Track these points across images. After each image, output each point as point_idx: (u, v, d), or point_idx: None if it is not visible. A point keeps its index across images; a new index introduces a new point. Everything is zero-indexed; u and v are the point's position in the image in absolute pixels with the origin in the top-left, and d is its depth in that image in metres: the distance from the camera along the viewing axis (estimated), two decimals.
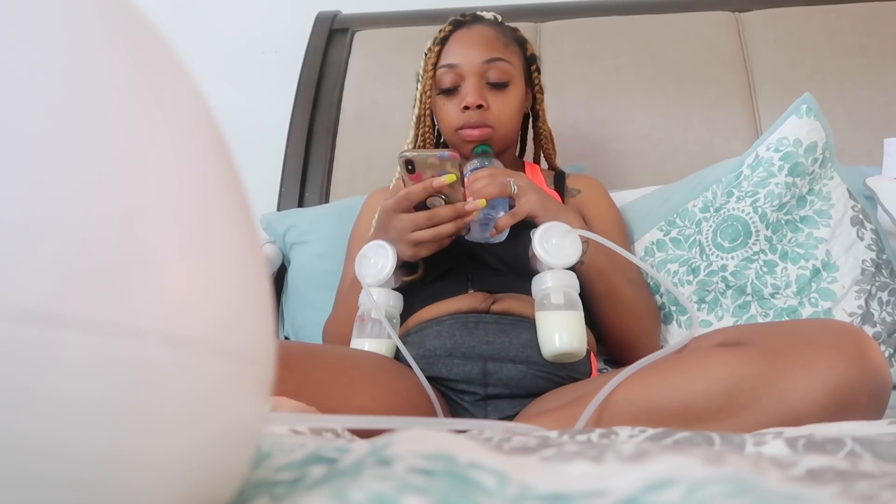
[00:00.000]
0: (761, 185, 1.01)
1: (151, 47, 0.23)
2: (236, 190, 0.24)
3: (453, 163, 0.77)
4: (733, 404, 0.56)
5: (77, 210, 0.18)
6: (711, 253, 1.03)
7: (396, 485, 0.22)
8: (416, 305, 0.87)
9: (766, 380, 0.55)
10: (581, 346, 0.75)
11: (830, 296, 0.98)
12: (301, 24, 1.56)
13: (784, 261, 1.00)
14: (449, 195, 0.79)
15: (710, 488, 0.21)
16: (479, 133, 0.96)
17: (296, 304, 1.20)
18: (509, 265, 0.88)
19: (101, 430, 0.18)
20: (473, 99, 0.95)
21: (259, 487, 0.26)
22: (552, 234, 0.80)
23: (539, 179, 1.05)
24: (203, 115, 0.24)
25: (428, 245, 0.81)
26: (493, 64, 0.97)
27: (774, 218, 1.01)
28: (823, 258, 1.00)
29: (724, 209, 1.03)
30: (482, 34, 1.00)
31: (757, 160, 1.03)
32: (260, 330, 0.23)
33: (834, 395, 0.53)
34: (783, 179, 1.00)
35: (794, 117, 1.02)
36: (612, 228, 1.00)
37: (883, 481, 0.23)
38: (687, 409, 0.57)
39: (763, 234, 1.01)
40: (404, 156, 0.78)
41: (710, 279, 1.02)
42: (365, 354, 0.78)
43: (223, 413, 0.21)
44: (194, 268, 0.21)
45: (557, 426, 0.60)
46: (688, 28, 1.44)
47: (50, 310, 0.17)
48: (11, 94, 0.19)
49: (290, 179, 1.41)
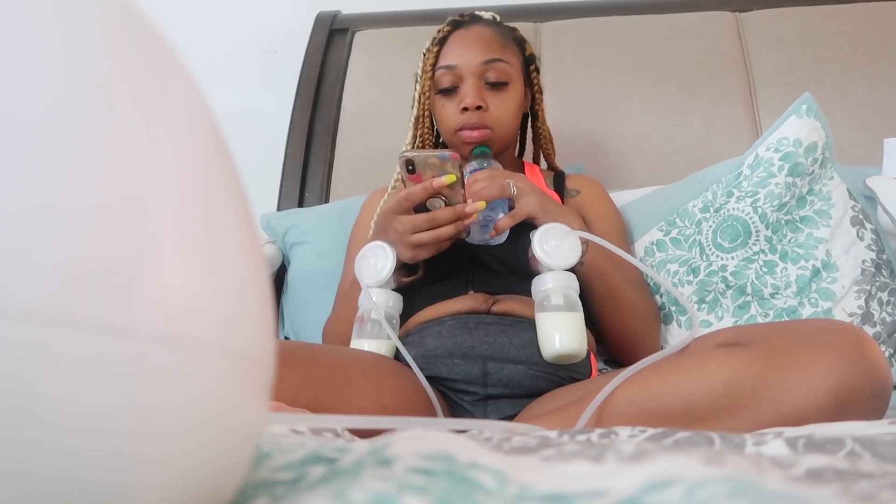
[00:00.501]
0: (761, 186, 1.01)
1: (151, 47, 0.23)
2: (237, 190, 0.24)
3: (454, 163, 0.77)
4: (734, 404, 0.56)
5: (78, 211, 0.18)
6: (711, 253, 1.03)
7: (396, 485, 0.22)
8: (416, 306, 0.87)
9: (767, 380, 0.56)
10: (581, 347, 0.75)
11: (830, 296, 0.98)
12: (301, 25, 1.56)
13: (784, 261, 1.00)
14: (449, 196, 0.79)
15: (710, 488, 0.21)
16: (478, 134, 0.96)
17: (296, 304, 1.20)
18: (509, 266, 0.88)
19: (102, 431, 0.18)
20: (472, 100, 0.95)
21: (259, 487, 0.26)
22: (551, 235, 0.80)
23: (538, 180, 1.05)
24: (203, 115, 0.24)
25: (427, 247, 0.81)
26: (492, 65, 0.97)
27: (774, 218, 1.01)
28: (823, 258, 0.99)
29: (724, 209, 1.03)
30: (480, 34, 1.00)
31: (757, 160, 1.03)
32: (261, 330, 0.23)
33: (835, 395, 0.53)
34: (783, 179, 1.00)
35: (793, 117, 1.02)
36: (611, 229, 1.00)
37: (883, 481, 0.23)
38: (688, 409, 0.57)
39: (763, 234, 1.01)
40: (405, 156, 0.78)
41: (710, 279, 1.02)
42: (364, 354, 0.78)
43: (225, 414, 0.21)
44: (196, 269, 0.21)
45: (558, 426, 0.60)
46: (688, 28, 1.44)
47: (52, 312, 0.17)
48: (11, 92, 0.19)
49: (289, 179, 1.41)
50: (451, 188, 0.78)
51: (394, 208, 0.81)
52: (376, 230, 0.89)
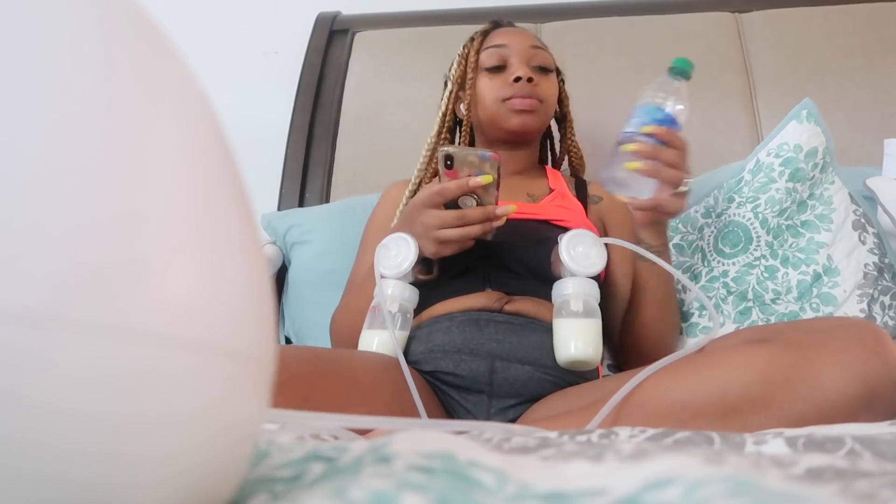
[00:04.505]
0: (762, 191, 1.01)
1: (153, 47, 0.23)
2: (238, 190, 0.24)
3: (492, 164, 0.77)
4: (767, 394, 0.56)
5: (78, 212, 0.18)
6: (713, 259, 1.03)
7: (396, 483, 0.22)
8: (430, 301, 0.87)
9: (800, 370, 0.56)
10: (596, 354, 0.75)
11: (832, 300, 0.97)
12: (301, 25, 1.56)
13: (785, 266, 1.00)
14: (482, 196, 0.79)
15: (710, 487, 0.21)
16: (528, 103, 0.98)
17: (296, 303, 1.20)
18: (529, 268, 0.88)
19: (102, 432, 0.18)
20: (525, 72, 0.98)
21: (258, 484, 0.26)
22: (580, 241, 0.79)
23: (561, 184, 1.05)
24: (205, 116, 0.24)
25: (452, 245, 0.80)
26: (539, 51, 1.03)
27: (775, 223, 1.01)
28: (825, 263, 0.99)
29: (726, 214, 1.03)
30: (523, 29, 1.08)
31: (758, 165, 1.03)
32: (261, 330, 0.23)
33: (865, 384, 0.54)
34: (784, 185, 1.00)
35: (794, 122, 1.02)
36: (632, 235, 1.01)
37: (882, 480, 0.23)
38: (723, 399, 0.57)
39: (764, 239, 1.01)
40: (445, 151, 0.77)
41: (711, 285, 1.02)
42: (365, 371, 0.73)
43: (225, 414, 0.21)
44: (196, 269, 0.21)
45: (580, 424, 0.60)
46: (688, 29, 1.44)
47: (50, 313, 0.17)
48: (11, 92, 0.19)
49: (290, 180, 1.41)
50: (486, 188, 0.78)
51: (425, 202, 0.80)
52: (401, 221, 0.89)
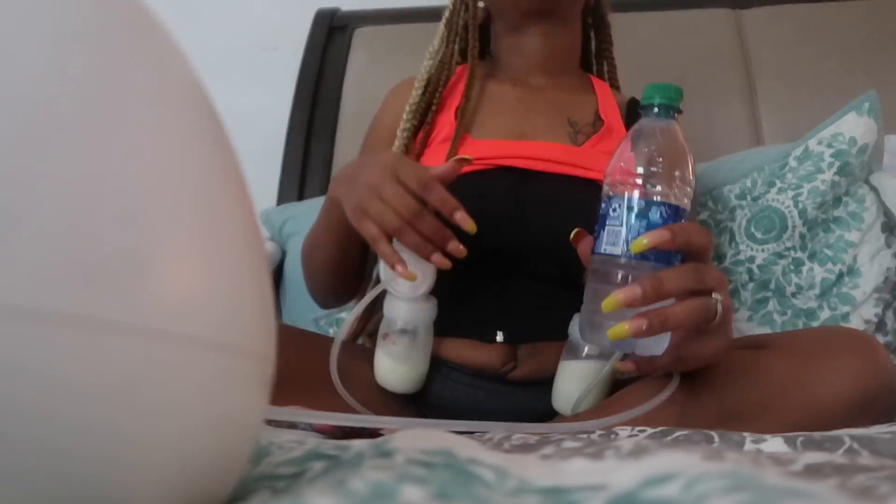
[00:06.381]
0: (807, 180, 0.96)
1: (153, 43, 0.23)
2: (238, 186, 0.24)
3: None
4: (765, 400, 0.56)
5: (76, 206, 0.18)
6: (742, 242, 0.99)
7: (396, 475, 0.22)
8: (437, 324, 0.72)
9: (797, 376, 0.56)
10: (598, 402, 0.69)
11: (850, 300, 0.95)
12: (300, 22, 1.56)
13: (812, 261, 0.97)
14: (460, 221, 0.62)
15: (709, 483, 0.21)
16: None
17: (293, 293, 1.20)
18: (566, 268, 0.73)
19: (100, 428, 0.18)
20: None
21: (260, 481, 0.26)
22: None
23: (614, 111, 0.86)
24: (205, 112, 0.24)
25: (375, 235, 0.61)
26: None
27: (813, 216, 0.97)
28: (850, 263, 0.96)
29: (763, 199, 0.99)
30: None
31: (805, 153, 0.98)
32: (260, 325, 0.23)
33: (861, 390, 0.54)
34: (830, 177, 0.95)
35: (853, 114, 0.96)
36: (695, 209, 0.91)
37: (881, 474, 0.24)
38: (720, 404, 0.57)
39: (798, 230, 0.97)
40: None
41: (734, 268, 0.99)
42: None
43: (224, 409, 0.21)
44: (195, 265, 0.21)
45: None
46: (687, 25, 1.43)
47: (46, 307, 0.17)
48: (9, 86, 0.19)
49: (289, 177, 1.41)
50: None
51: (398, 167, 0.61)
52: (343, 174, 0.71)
